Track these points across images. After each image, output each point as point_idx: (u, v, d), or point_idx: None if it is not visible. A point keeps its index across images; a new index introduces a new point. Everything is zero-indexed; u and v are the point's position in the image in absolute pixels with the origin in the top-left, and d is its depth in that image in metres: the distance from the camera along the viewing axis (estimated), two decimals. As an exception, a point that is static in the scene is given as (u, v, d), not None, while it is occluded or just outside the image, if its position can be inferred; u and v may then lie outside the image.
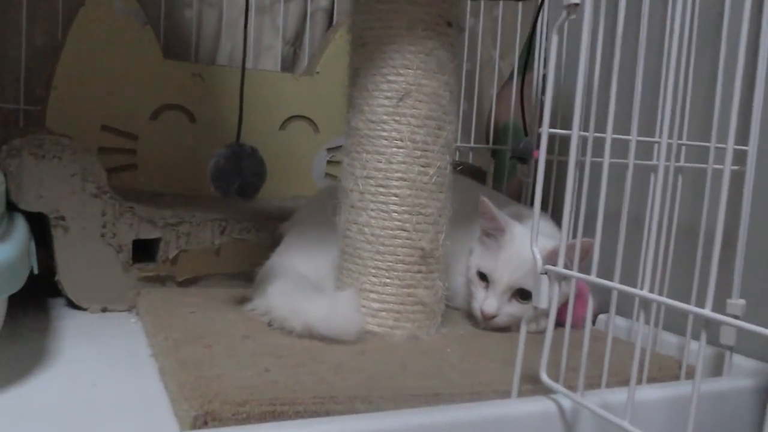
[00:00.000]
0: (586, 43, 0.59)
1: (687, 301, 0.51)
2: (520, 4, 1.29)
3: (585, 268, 0.62)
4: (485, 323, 0.86)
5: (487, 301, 0.85)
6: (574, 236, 0.63)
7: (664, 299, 0.53)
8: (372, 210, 0.80)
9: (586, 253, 0.78)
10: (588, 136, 0.64)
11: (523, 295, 0.85)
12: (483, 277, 0.88)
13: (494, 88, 1.42)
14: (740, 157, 0.78)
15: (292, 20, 1.42)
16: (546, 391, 0.63)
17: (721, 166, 0.78)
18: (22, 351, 0.74)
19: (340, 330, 0.74)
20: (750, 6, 0.51)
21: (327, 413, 0.57)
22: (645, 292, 0.53)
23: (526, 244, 0.63)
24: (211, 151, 0.86)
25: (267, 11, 1.40)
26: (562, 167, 1.04)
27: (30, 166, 0.86)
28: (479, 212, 0.88)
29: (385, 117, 0.79)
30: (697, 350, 0.49)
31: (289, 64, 1.43)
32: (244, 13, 0.83)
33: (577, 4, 0.59)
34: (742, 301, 0.76)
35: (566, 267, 0.60)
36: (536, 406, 0.61)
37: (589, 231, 0.62)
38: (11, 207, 0.84)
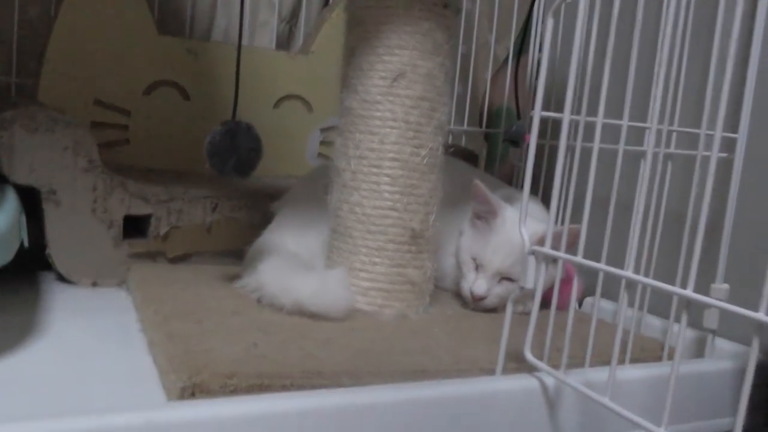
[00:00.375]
0: (580, 27, 0.60)
1: (672, 284, 0.52)
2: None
3: (572, 251, 0.63)
4: (474, 304, 0.87)
5: (477, 283, 0.86)
6: (563, 221, 0.64)
7: (648, 280, 0.54)
8: (364, 190, 0.80)
9: (573, 239, 0.79)
10: (579, 119, 0.64)
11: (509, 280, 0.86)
12: (473, 258, 0.88)
13: (489, 72, 1.42)
14: (730, 145, 0.79)
15: (288, -2, 1.41)
16: (530, 370, 0.64)
17: (710, 153, 0.80)
18: (12, 323, 0.74)
19: (330, 307, 0.75)
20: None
21: (313, 387, 0.58)
22: (630, 273, 0.54)
23: (518, 228, 0.64)
24: (205, 129, 0.86)
25: (263, -12, 1.39)
26: (554, 152, 1.04)
27: (22, 139, 0.86)
28: (472, 194, 0.89)
29: (379, 97, 0.79)
30: (678, 330, 0.49)
31: (284, 41, 1.42)
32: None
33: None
34: (726, 286, 0.77)
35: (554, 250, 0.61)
36: (520, 383, 0.62)
37: (577, 215, 0.63)
38: (2, 179, 0.84)
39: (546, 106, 0.64)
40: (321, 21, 1.35)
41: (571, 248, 0.64)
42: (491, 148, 1.36)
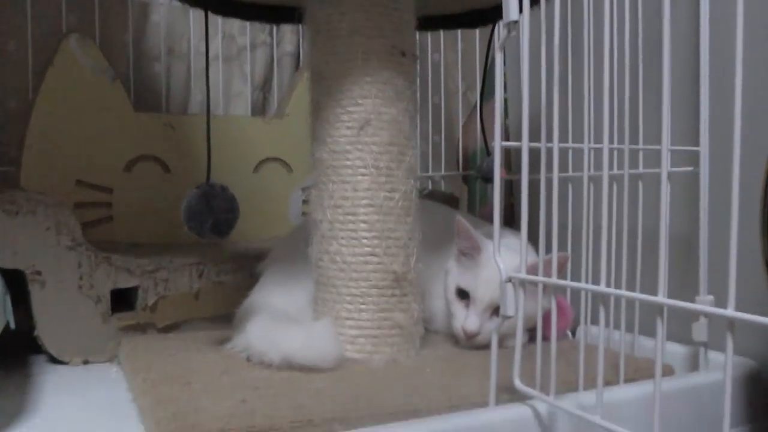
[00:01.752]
0: (525, 58, 0.62)
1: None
2: (477, 32, 1.33)
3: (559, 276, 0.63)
4: (467, 342, 0.87)
5: (469, 320, 0.86)
6: (547, 250, 0.64)
7: (621, 292, 0.54)
8: (342, 238, 0.81)
9: (562, 267, 0.79)
10: (541, 147, 0.66)
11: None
12: (462, 295, 0.88)
13: (460, 119, 1.45)
14: (694, 159, 0.81)
15: (260, 66, 1.45)
16: (523, 400, 0.64)
17: (676, 169, 0.82)
18: (3, 405, 0.74)
19: (318, 358, 0.75)
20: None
21: (305, 437, 0.58)
22: (603, 288, 0.54)
23: (505, 261, 0.64)
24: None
25: (235, 59, 1.44)
26: (535, 184, 1.06)
27: (3, 224, 0.87)
28: (455, 231, 0.90)
29: (348, 146, 0.81)
30: (656, 338, 0.50)
31: (259, 108, 1.46)
32: (205, 58, 0.85)
33: (516, 21, 0.62)
34: (711, 297, 0.78)
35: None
36: (512, 412, 0.61)
37: (563, 243, 0.63)
38: (-14, 264, 0.85)
39: (533, 137, 0.64)
40: (293, 84, 1.39)
41: (561, 274, 0.64)
42: (471, 190, 1.38)
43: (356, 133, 0.81)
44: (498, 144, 0.65)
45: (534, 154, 0.63)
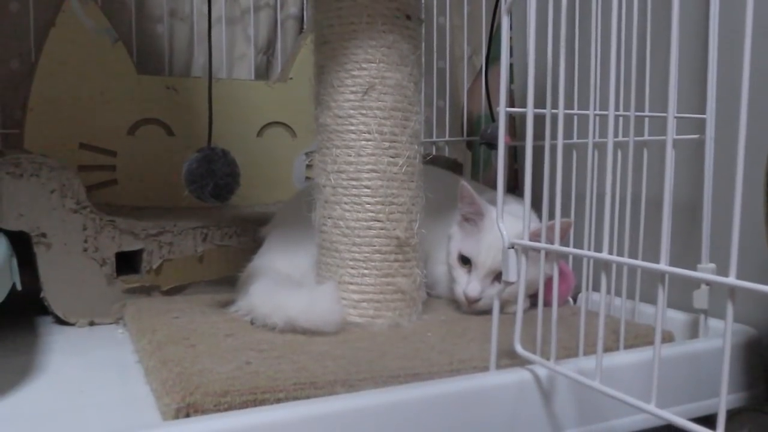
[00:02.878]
0: (532, 21, 0.61)
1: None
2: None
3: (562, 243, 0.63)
4: (469, 307, 0.88)
5: (471, 285, 0.87)
6: (550, 217, 0.64)
7: (623, 259, 0.54)
8: (345, 203, 0.81)
9: (564, 233, 0.79)
10: (545, 113, 0.66)
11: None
12: (464, 261, 0.89)
13: (465, 84, 1.44)
14: (701, 126, 0.80)
15: (263, 29, 1.43)
16: (524, 365, 0.64)
17: (681, 137, 0.81)
18: (10, 365, 0.75)
19: (321, 321, 0.76)
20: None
21: (308, 398, 0.59)
22: (605, 255, 0.54)
23: (508, 227, 0.64)
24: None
25: (238, 21, 1.42)
26: (539, 151, 1.05)
27: (8, 186, 0.88)
28: (458, 196, 0.90)
29: (351, 111, 0.80)
30: (656, 306, 0.50)
31: (263, 72, 1.45)
32: (209, 22, 0.84)
33: (523, -16, 0.61)
34: (712, 265, 0.78)
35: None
36: (513, 376, 0.62)
37: (566, 210, 0.63)
38: (-8, 226, 0.86)
39: (538, 104, 0.64)
40: (297, 48, 1.38)
41: (563, 241, 0.64)
42: (475, 156, 1.37)
43: (360, 98, 0.80)
44: (503, 110, 0.64)
45: (539, 121, 0.63)
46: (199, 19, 1.37)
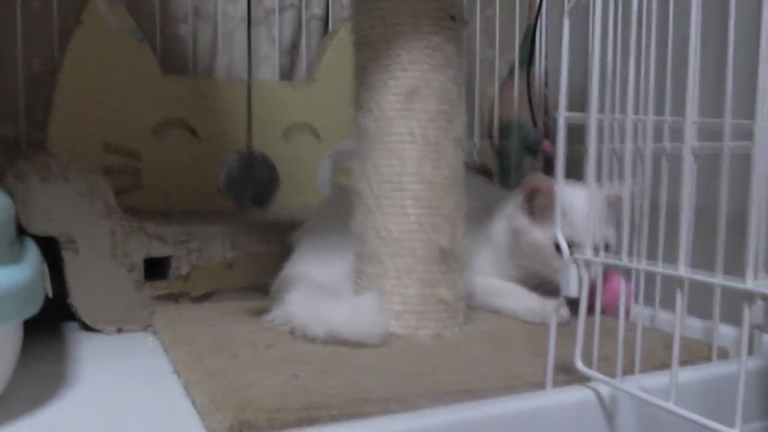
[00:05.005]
0: (598, 24, 0.59)
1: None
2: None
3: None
4: None
5: None
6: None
7: (701, 277, 0.52)
8: (387, 211, 0.78)
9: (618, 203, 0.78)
10: (602, 118, 0.63)
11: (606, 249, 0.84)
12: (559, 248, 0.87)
13: (495, 87, 1.41)
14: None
15: (288, 29, 1.41)
16: (580, 381, 0.62)
17: (739, 143, 0.78)
18: (41, 375, 0.72)
19: (365, 333, 0.73)
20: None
21: (362, 415, 0.56)
22: (681, 272, 0.52)
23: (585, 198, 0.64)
24: (216, 166, 0.84)
25: (262, 22, 1.39)
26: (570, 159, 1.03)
27: (37, 189, 0.85)
28: (529, 191, 0.88)
29: (394, 114, 0.78)
30: (743, 323, 0.47)
31: (287, 73, 1.42)
32: (247, 22, 0.82)
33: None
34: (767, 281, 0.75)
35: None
36: (574, 395, 0.59)
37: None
38: (21, 231, 0.83)
39: (572, 109, 0.62)
40: (323, 49, 1.35)
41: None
42: (503, 162, 1.34)
43: (403, 101, 0.78)
44: (562, 115, 0.62)
45: (571, 128, 0.61)
46: (223, 20, 1.35)
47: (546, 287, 0.89)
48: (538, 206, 0.89)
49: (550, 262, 0.88)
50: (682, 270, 0.52)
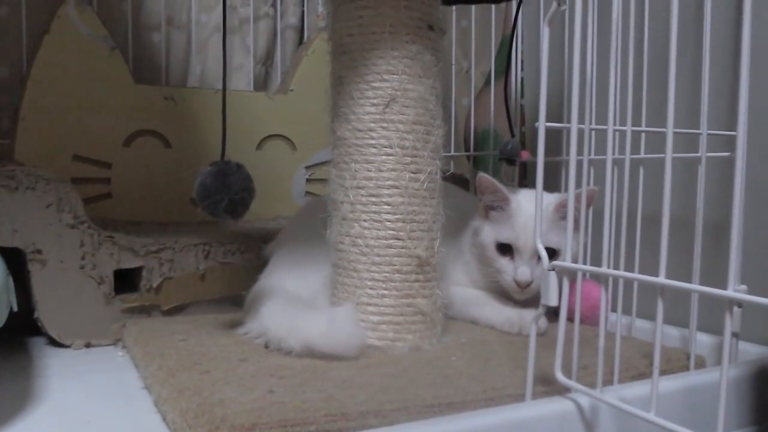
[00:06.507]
0: (578, 32, 0.58)
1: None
2: (493, 8, 1.29)
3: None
4: (522, 293, 0.87)
5: (520, 270, 0.86)
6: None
7: (680, 284, 0.51)
8: (364, 221, 0.77)
9: (591, 200, 0.78)
10: (584, 128, 0.63)
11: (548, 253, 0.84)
12: (503, 249, 0.88)
13: (471, 97, 1.41)
14: (731, 143, 0.78)
15: (263, 39, 1.40)
16: (560, 392, 0.61)
17: (712, 154, 0.79)
18: (6, 393, 0.70)
19: (341, 346, 0.72)
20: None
21: (340, 431, 0.55)
22: (661, 279, 0.51)
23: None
24: (188, 176, 0.82)
25: (237, 31, 1.38)
26: (549, 167, 1.03)
27: (2, 200, 0.83)
28: (478, 188, 0.89)
29: (372, 124, 0.77)
30: (725, 331, 0.47)
31: (262, 83, 1.41)
32: (222, 31, 0.80)
33: (566, -5, 0.59)
34: (744, 287, 0.76)
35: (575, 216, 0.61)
36: (554, 406, 0.59)
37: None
38: (-15, 242, 0.80)
39: (551, 118, 0.62)
40: (298, 59, 1.35)
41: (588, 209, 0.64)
42: (479, 171, 1.34)
43: (381, 111, 0.77)
44: (542, 125, 0.61)
45: (552, 136, 0.61)
46: (197, 28, 1.33)
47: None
48: (487, 206, 0.90)
49: (492, 262, 0.89)
50: (663, 277, 0.51)
